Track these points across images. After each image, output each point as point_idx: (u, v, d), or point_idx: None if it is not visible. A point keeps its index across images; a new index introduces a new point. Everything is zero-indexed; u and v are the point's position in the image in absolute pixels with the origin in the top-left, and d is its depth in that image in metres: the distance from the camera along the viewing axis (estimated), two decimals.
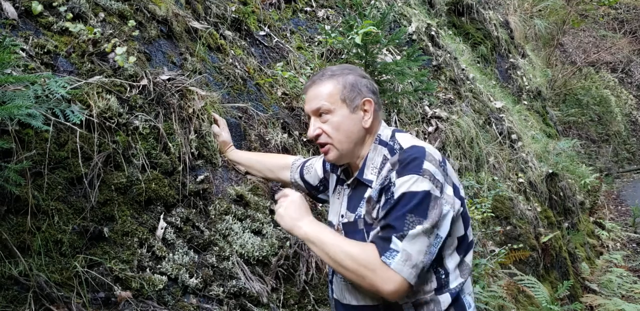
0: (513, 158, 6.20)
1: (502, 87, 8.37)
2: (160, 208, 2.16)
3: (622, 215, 10.72)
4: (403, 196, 1.59)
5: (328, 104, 1.78)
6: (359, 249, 1.59)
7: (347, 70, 1.84)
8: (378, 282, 1.55)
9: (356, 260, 1.57)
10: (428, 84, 3.94)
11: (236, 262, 2.24)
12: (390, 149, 1.77)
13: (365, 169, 1.79)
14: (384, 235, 1.58)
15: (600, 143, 14.73)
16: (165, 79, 2.34)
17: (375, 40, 3.55)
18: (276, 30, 3.84)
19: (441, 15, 7.61)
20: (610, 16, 17.88)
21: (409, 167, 1.62)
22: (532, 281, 4.72)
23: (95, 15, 2.36)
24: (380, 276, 1.54)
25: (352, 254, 1.58)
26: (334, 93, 1.78)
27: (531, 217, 5.60)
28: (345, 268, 1.59)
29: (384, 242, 1.57)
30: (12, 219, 1.74)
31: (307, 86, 1.85)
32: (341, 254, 1.59)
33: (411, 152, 1.68)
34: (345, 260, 1.58)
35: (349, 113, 1.79)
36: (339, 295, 1.84)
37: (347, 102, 1.78)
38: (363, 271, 1.56)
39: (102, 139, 2.02)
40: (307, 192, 2.31)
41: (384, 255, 1.55)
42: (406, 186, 1.59)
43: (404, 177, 1.61)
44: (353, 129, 1.79)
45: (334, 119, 1.78)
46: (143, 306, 1.89)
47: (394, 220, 1.57)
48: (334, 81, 1.80)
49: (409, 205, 1.57)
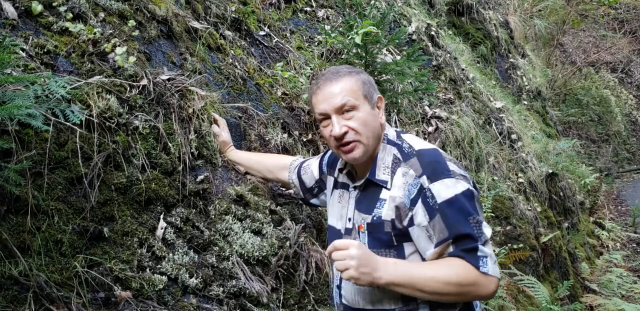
0: (513, 158, 6.20)
1: (502, 87, 8.37)
2: (160, 208, 2.16)
3: (622, 215, 10.71)
4: (450, 202, 1.60)
5: (353, 100, 1.74)
6: (453, 273, 1.56)
7: (356, 69, 1.84)
8: (482, 292, 1.58)
9: (459, 284, 1.56)
10: (428, 84, 3.94)
11: (236, 262, 2.24)
12: (400, 149, 1.77)
13: (377, 170, 1.77)
14: (468, 246, 1.58)
15: (600, 143, 14.72)
16: (165, 79, 2.34)
17: (375, 40, 3.55)
18: (276, 30, 3.83)
19: (441, 15, 7.60)
20: (610, 16, 17.87)
21: (438, 171, 1.64)
22: (532, 281, 4.71)
23: (95, 15, 2.36)
24: (483, 286, 1.57)
25: (451, 281, 1.55)
26: (356, 90, 1.76)
27: (531, 217, 5.60)
28: (447, 294, 1.58)
29: (472, 254, 1.57)
30: (12, 219, 1.74)
31: (320, 85, 1.78)
32: (438, 285, 1.56)
33: (429, 155, 1.70)
34: (446, 288, 1.56)
35: (371, 110, 1.77)
36: (350, 299, 1.81)
37: (368, 98, 1.77)
38: (467, 290, 1.57)
39: (102, 139, 2.02)
40: (302, 197, 2.31)
41: (480, 266, 1.56)
42: (447, 191, 1.61)
43: (438, 182, 1.62)
44: (376, 125, 1.78)
45: (359, 115, 1.74)
46: (143, 306, 1.89)
47: (464, 228, 1.58)
48: (353, 78, 1.77)
49: (463, 209, 1.59)
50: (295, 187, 2.32)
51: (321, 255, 2.54)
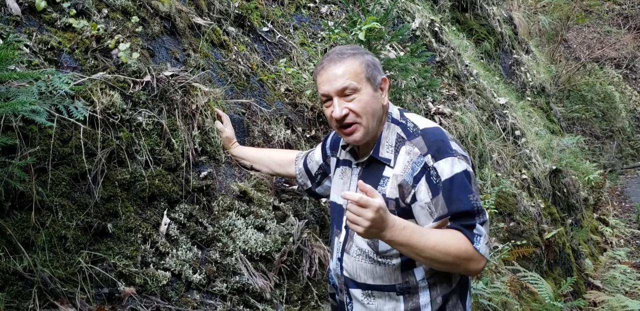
0: (517, 155, 6.18)
1: (505, 83, 8.34)
2: (164, 204, 2.17)
3: (626, 212, 10.69)
4: (452, 179, 1.65)
5: (355, 83, 1.75)
6: (454, 244, 1.61)
7: (361, 49, 1.84)
8: (471, 267, 1.64)
9: (456, 256, 1.61)
10: (431, 80, 3.93)
11: (239, 258, 2.24)
12: (404, 127, 1.80)
13: (381, 148, 1.80)
14: (467, 222, 1.64)
15: (604, 140, 14.68)
16: (169, 75, 2.34)
17: (379, 37, 3.54)
18: (279, 26, 3.83)
19: (445, 11, 7.58)
20: (615, 12, 17.78)
21: (442, 150, 1.69)
22: (536, 278, 4.71)
23: (99, 11, 2.36)
24: (474, 261, 1.64)
25: (450, 252, 1.60)
26: (359, 72, 1.76)
27: (535, 213, 5.59)
28: (442, 263, 1.64)
29: (469, 230, 1.63)
30: (17, 215, 1.75)
31: (325, 66, 1.79)
32: (436, 254, 1.60)
33: (434, 134, 1.74)
34: (443, 258, 1.61)
35: (373, 92, 1.78)
36: (352, 273, 1.85)
37: (371, 81, 1.78)
38: (460, 263, 1.63)
39: (105, 135, 2.02)
40: (307, 188, 2.32)
41: (474, 242, 1.62)
42: (450, 169, 1.66)
43: (442, 161, 1.67)
44: (377, 107, 1.79)
45: (361, 97, 1.75)
46: (147, 301, 1.90)
47: (464, 205, 1.64)
48: (357, 60, 1.78)
49: (464, 187, 1.65)
50: (301, 177, 2.33)
51: (324, 251, 2.54)
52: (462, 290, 1.82)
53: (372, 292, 1.82)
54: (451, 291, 1.79)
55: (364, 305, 1.84)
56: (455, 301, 1.80)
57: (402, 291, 1.78)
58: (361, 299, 1.84)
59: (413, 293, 1.77)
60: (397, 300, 1.79)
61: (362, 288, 1.84)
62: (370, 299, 1.83)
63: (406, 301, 1.77)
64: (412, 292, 1.77)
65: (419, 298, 1.77)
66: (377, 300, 1.81)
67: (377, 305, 1.81)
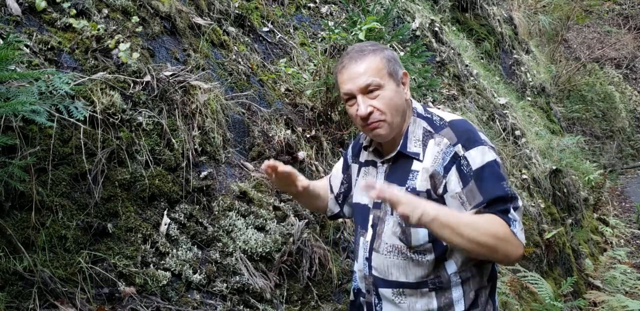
0: (517, 155, 6.18)
1: (505, 83, 8.34)
2: (164, 204, 2.17)
3: (626, 212, 10.69)
4: (484, 168, 1.65)
5: (378, 79, 1.73)
6: (491, 224, 1.60)
7: (380, 45, 1.83)
8: (511, 251, 1.62)
9: (495, 236, 1.59)
10: (432, 80, 3.93)
11: (239, 258, 2.24)
12: (430, 121, 1.80)
13: (409, 142, 1.79)
14: (502, 207, 1.63)
15: (605, 140, 14.67)
16: (169, 75, 2.34)
17: (379, 36, 3.54)
18: (279, 26, 3.83)
19: (445, 11, 7.58)
20: (615, 12, 17.78)
21: (472, 140, 1.69)
22: (536, 278, 4.71)
23: (99, 11, 2.36)
24: (512, 245, 1.61)
25: (489, 231, 1.59)
26: (381, 68, 1.74)
27: (535, 213, 5.59)
28: (482, 245, 1.60)
29: (505, 214, 1.62)
30: (17, 215, 1.75)
31: (346, 64, 1.76)
32: (476, 233, 1.58)
33: (462, 125, 1.75)
34: (482, 238, 1.59)
35: (396, 87, 1.77)
36: (382, 271, 1.83)
37: (393, 76, 1.76)
38: (500, 245, 1.60)
39: (105, 135, 2.02)
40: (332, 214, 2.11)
41: (511, 225, 1.61)
42: (482, 157, 1.66)
43: (473, 150, 1.67)
44: (400, 102, 1.78)
45: (385, 94, 1.74)
46: (147, 301, 1.90)
47: (498, 191, 1.63)
48: (378, 56, 1.76)
49: (496, 174, 1.66)
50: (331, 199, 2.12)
51: (324, 251, 2.54)
52: (492, 286, 1.83)
53: (404, 290, 1.80)
54: (483, 286, 1.79)
55: (396, 304, 1.82)
56: (486, 297, 1.80)
57: (435, 288, 1.77)
58: (392, 298, 1.82)
59: (445, 289, 1.76)
60: (429, 297, 1.77)
61: (393, 286, 1.81)
62: (401, 297, 1.80)
63: (439, 297, 1.76)
64: (445, 287, 1.76)
65: (451, 294, 1.76)
66: (409, 298, 1.79)
67: (409, 303, 1.79)
